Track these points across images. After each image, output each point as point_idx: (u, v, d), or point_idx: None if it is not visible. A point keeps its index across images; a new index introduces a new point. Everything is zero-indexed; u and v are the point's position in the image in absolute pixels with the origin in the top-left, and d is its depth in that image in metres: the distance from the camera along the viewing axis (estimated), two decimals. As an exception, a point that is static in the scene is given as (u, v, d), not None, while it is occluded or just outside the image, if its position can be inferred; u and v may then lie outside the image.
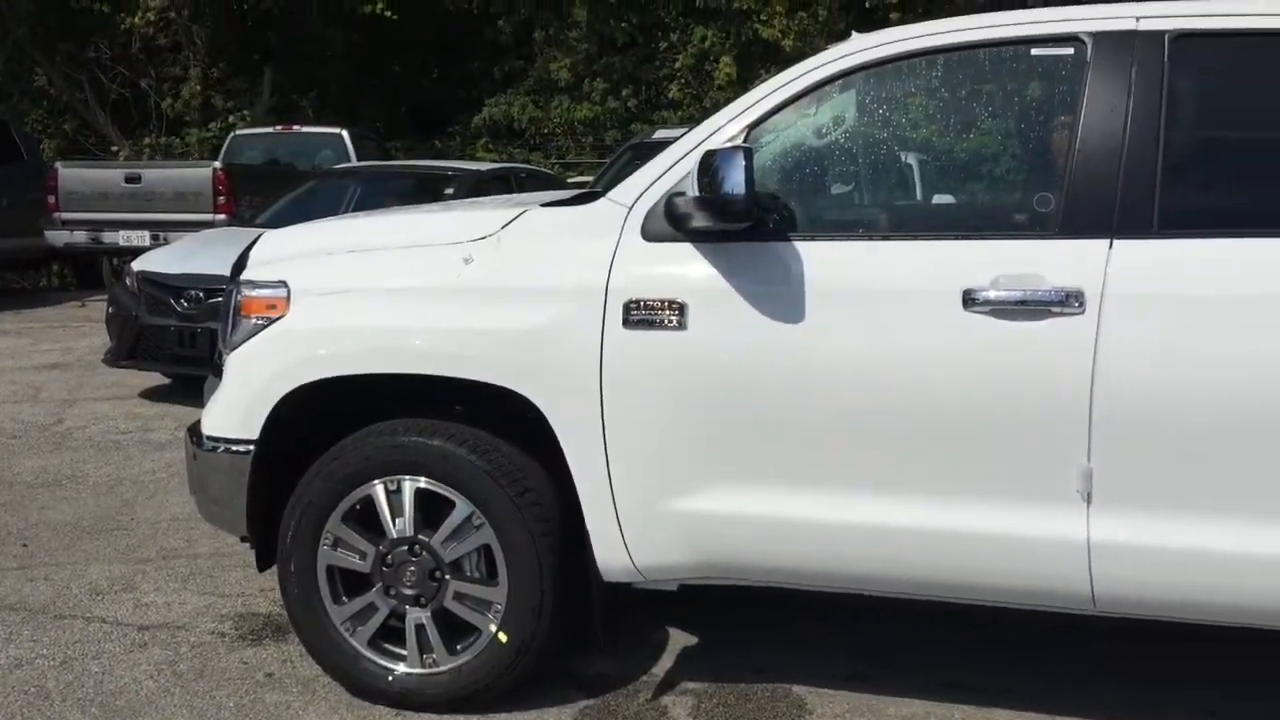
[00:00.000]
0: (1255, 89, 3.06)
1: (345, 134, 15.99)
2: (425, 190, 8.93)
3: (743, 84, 18.95)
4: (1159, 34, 2.98)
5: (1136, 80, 2.96)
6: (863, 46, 3.25)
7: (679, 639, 3.88)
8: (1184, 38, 2.97)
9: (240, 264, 3.70)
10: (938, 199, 3.87)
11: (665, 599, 3.51)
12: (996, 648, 3.82)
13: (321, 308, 3.42)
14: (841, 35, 3.45)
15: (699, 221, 3.03)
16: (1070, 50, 3.07)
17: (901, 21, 15.93)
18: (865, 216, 3.71)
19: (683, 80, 23.25)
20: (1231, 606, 2.92)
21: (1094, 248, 2.90)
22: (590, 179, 12.61)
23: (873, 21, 18.41)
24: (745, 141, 3.15)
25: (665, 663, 3.72)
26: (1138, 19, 3.02)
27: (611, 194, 3.33)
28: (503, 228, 3.35)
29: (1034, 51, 3.18)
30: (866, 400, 2.99)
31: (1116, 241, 2.89)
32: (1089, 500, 2.89)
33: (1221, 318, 2.79)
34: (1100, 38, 3.02)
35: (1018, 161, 3.49)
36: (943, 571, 3.07)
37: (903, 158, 3.69)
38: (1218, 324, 2.79)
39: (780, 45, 20.54)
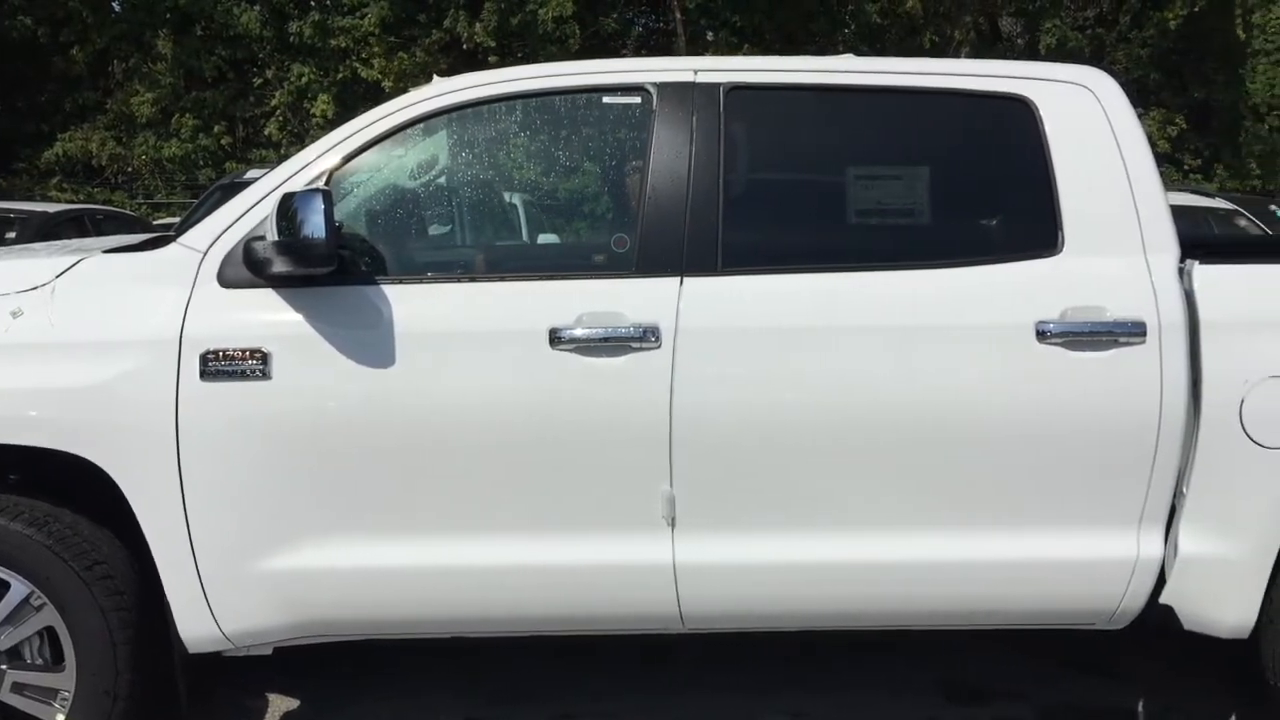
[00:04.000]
0: (799, 137, 3.39)
1: (-120, 171, 14.04)
2: (-19, 234, 8.04)
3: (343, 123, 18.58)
4: (715, 86, 3.21)
5: (697, 129, 3.17)
6: (444, 90, 3.27)
7: (278, 704, 3.69)
8: (736, 90, 3.22)
9: None
10: (525, 240, 3.97)
11: (259, 663, 3.32)
12: (602, 672, 3.92)
13: None
14: (443, 76, 3.46)
15: (280, 267, 2.92)
16: (638, 99, 3.24)
17: (500, 65, 16.32)
18: (454, 258, 3.73)
19: (281, 118, 22.48)
20: (811, 613, 3.18)
21: (666, 285, 3.06)
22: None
23: (472, 64, 18.72)
24: (328, 183, 3.08)
25: (264, 731, 3.53)
26: (696, 72, 3.24)
27: (183, 239, 3.14)
28: (57, 277, 3.06)
29: (606, 100, 3.33)
30: (458, 443, 2.99)
31: (686, 279, 3.07)
32: (673, 525, 3.04)
33: (779, 347, 3.03)
34: (663, 88, 3.21)
35: (597, 204, 3.64)
36: (542, 606, 3.12)
37: (489, 200, 3.75)
38: (776, 353, 3.03)
39: (381, 85, 20.39)
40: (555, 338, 3.00)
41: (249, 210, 3.09)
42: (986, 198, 3.38)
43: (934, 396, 3.01)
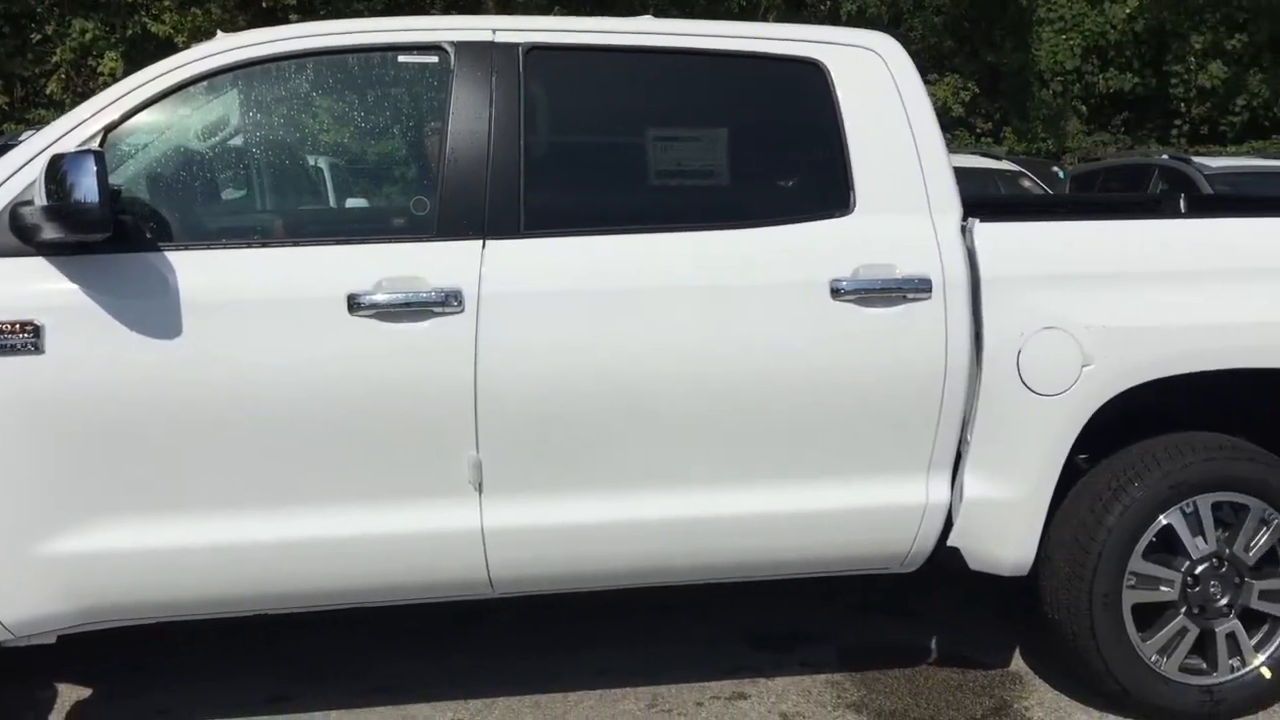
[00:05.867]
0: (599, 98, 3.37)
1: None
2: None
3: (133, 82, 17.49)
4: (514, 46, 3.16)
5: (497, 89, 3.12)
6: (228, 47, 3.12)
7: (69, 694, 3.50)
8: (536, 50, 3.19)
9: None
10: (321, 204, 3.84)
11: (44, 652, 3.14)
12: (413, 641, 3.89)
13: None
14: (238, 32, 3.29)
15: (50, 233, 2.74)
16: (435, 59, 3.17)
17: (302, 22, 15.65)
18: (246, 224, 3.58)
19: (63, 77, 21.08)
20: (621, 571, 3.21)
21: (469, 249, 3.02)
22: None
23: (271, 21, 17.95)
24: (103, 144, 2.91)
25: (54, 723, 3.36)
26: (494, 31, 3.19)
27: (-59, 204, 2.91)
28: None
29: (401, 59, 3.24)
30: (252, 415, 2.88)
31: (489, 242, 3.03)
32: (480, 490, 3.02)
33: (582, 309, 3.03)
34: (461, 48, 3.14)
35: (395, 166, 3.56)
36: (349, 578, 3.06)
37: (282, 162, 3.61)
38: (579, 315, 3.02)
39: (174, 43, 19.36)
40: (354, 304, 2.92)
41: (15, 173, 2.89)
42: (782, 159, 3.45)
43: (735, 355, 3.07)
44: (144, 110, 3.01)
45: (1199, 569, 3.29)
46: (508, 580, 3.14)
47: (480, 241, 3.03)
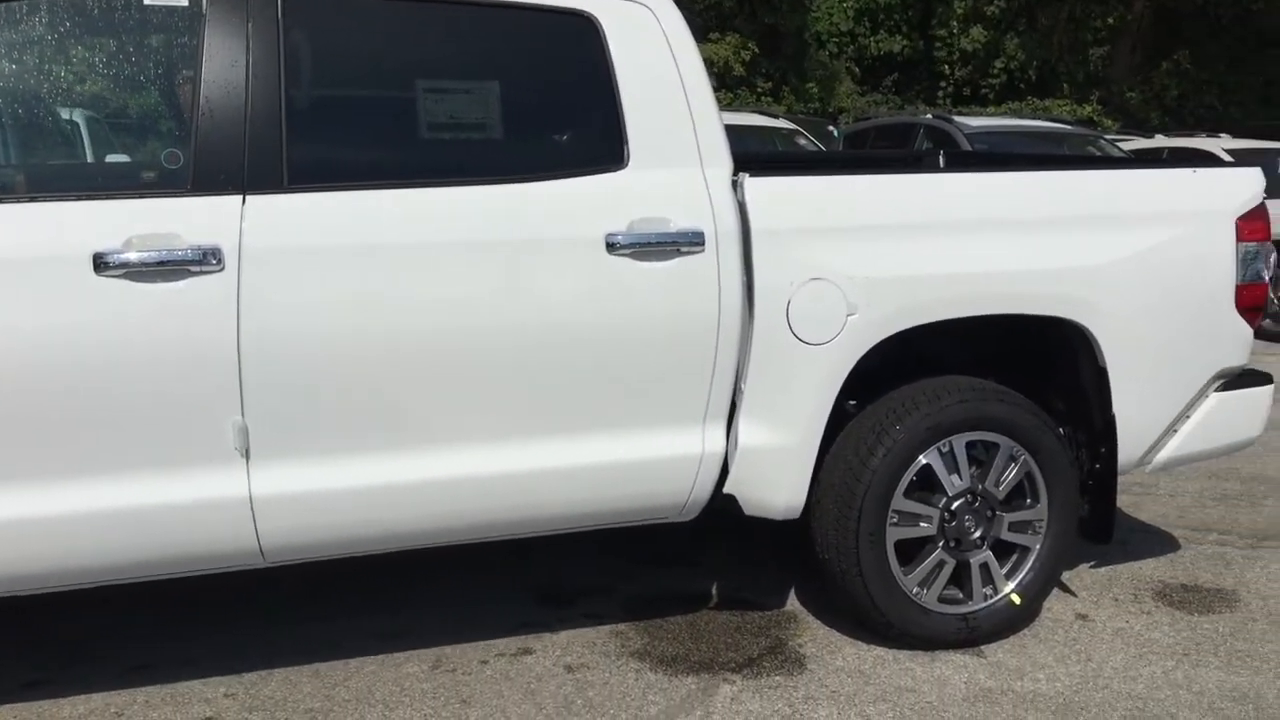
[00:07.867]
0: (366, 48, 3.24)
1: None
2: None
3: None
4: (271, -9, 3.01)
5: (254, 36, 2.97)
6: (-59, -15, 2.85)
7: None
8: (297, -4, 3.04)
9: None
10: (64, 157, 3.58)
11: None
12: (183, 618, 3.72)
13: None
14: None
15: None
16: (185, 2, 2.99)
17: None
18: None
19: None
20: (399, 534, 3.15)
21: (227, 204, 2.88)
22: None
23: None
24: None
25: None
26: None
27: None
28: None
29: (148, 1, 3.03)
30: (-13, 384, 2.68)
31: (249, 197, 2.89)
32: (247, 456, 2.90)
33: (350, 265, 2.93)
34: (213, -9, 2.97)
35: (145, 118, 3.34)
36: (109, 554, 2.88)
37: (15, 111, 3.33)
38: (347, 271, 2.92)
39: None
40: (101, 263, 2.74)
41: None
42: (556, 113, 3.41)
43: (510, 310, 3.04)
44: None
45: (955, 505, 3.49)
46: (280, 549, 3.03)
47: (240, 196, 2.89)
